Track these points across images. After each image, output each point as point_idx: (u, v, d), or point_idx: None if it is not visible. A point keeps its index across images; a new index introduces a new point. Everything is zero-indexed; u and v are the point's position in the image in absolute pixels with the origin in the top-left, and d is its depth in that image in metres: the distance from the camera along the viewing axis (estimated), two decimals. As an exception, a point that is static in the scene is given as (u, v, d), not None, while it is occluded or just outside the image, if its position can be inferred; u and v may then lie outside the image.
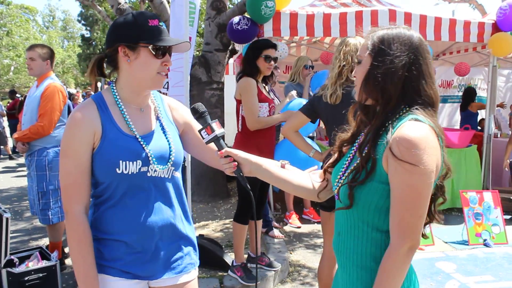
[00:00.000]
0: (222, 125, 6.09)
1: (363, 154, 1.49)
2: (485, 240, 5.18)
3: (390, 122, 1.47)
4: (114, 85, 1.82)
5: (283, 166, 1.85)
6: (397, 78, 1.46)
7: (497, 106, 6.09)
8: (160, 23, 1.77)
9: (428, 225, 1.58)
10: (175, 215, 1.88)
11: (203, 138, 1.75)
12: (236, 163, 1.73)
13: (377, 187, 1.45)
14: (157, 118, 1.88)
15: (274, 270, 4.04)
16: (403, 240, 1.39)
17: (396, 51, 1.47)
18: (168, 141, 1.85)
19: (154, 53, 1.73)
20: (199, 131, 1.76)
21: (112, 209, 1.76)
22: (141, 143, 1.76)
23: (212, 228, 5.16)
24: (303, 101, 3.88)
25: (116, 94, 1.80)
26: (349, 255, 1.54)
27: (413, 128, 1.39)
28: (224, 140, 1.77)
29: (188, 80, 4.02)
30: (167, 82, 4.42)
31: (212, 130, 1.73)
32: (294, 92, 4.20)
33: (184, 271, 1.91)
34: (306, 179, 1.79)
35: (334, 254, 1.67)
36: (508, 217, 5.98)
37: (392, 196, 1.41)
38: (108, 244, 1.77)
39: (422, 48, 1.50)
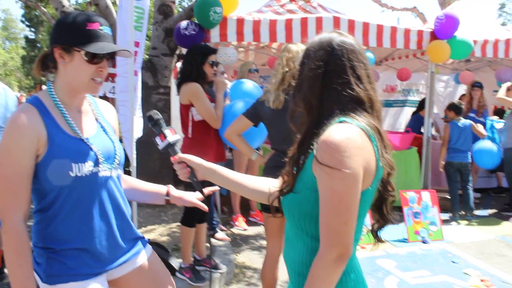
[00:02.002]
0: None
1: (292, 164, 1.53)
2: (423, 237, 5.43)
3: (321, 128, 1.44)
4: (51, 86, 1.80)
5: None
6: (315, 85, 1.48)
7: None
8: (101, 27, 1.75)
9: (376, 232, 1.60)
10: (126, 210, 1.95)
11: (158, 145, 1.80)
12: (189, 169, 1.76)
13: (310, 195, 1.44)
14: (96, 120, 1.90)
15: (219, 272, 4.08)
16: (330, 247, 1.36)
17: (315, 59, 1.48)
18: (111, 140, 1.89)
19: (87, 59, 1.72)
20: (154, 138, 1.80)
21: (68, 216, 1.76)
22: (89, 144, 1.77)
23: (159, 233, 5.16)
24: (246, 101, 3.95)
25: (55, 96, 1.78)
26: (291, 262, 1.55)
27: (335, 131, 1.37)
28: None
29: (132, 86, 4.01)
30: (113, 87, 4.40)
31: (165, 137, 1.78)
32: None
33: (138, 254, 2.01)
34: (263, 183, 1.78)
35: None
36: (444, 215, 6.28)
37: (320, 202, 1.39)
38: (69, 253, 1.77)
39: (346, 50, 1.48)
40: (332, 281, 1.38)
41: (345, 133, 1.37)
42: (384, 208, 1.55)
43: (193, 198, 2.08)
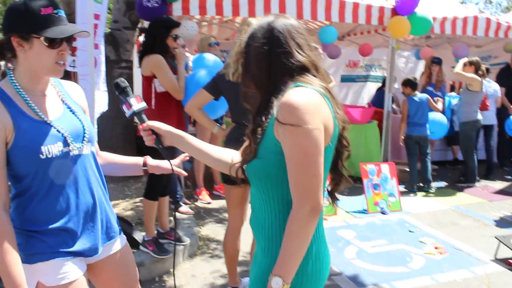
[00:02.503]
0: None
1: (252, 134, 1.60)
2: (382, 208, 5.62)
3: (274, 98, 1.53)
4: (12, 73, 1.80)
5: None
6: (262, 62, 1.57)
7: None
8: (55, 11, 1.74)
9: (334, 193, 1.70)
10: (103, 189, 1.98)
11: (125, 113, 1.82)
12: (154, 136, 1.79)
13: (274, 159, 1.51)
14: (62, 101, 1.90)
15: (183, 245, 4.15)
16: (302, 201, 1.43)
17: (258, 40, 1.58)
18: (79, 119, 1.90)
19: (47, 44, 1.72)
20: (120, 106, 1.83)
21: (44, 198, 1.78)
22: (55, 126, 1.79)
23: (123, 207, 5.17)
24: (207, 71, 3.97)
25: (16, 83, 1.78)
26: (260, 228, 1.61)
27: (294, 94, 1.47)
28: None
29: (92, 60, 3.95)
30: (74, 61, 4.32)
31: (131, 105, 1.80)
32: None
33: (115, 239, 2.04)
34: (226, 153, 1.84)
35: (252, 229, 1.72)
36: (402, 187, 6.50)
37: (287, 161, 1.46)
38: (49, 232, 1.79)
39: (285, 25, 1.58)
40: (308, 235, 1.45)
41: (303, 94, 1.47)
42: (339, 163, 1.66)
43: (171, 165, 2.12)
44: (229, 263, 3.42)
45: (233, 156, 1.82)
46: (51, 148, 1.74)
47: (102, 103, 4.20)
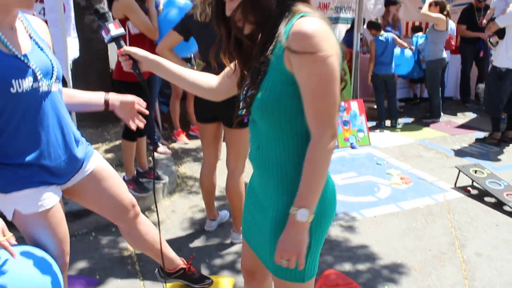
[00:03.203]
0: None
1: (256, 67, 1.52)
2: (351, 143, 5.88)
3: (278, 31, 1.46)
4: None
5: None
6: None
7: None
8: None
9: None
10: (71, 122, 2.03)
11: (104, 38, 1.84)
12: (131, 60, 1.80)
13: (287, 90, 1.46)
14: (30, 37, 1.91)
15: (162, 183, 4.32)
16: (323, 130, 1.41)
17: None
18: (47, 56, 1.92)
19: None
20: (99, 31, 1.85)
21: (14, 132, 1.81)
22: (25, 61, 1.80)
23: (102, 150, 5.27)
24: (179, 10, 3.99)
25: None
26: (271, 166, 1.57)
27: (305, 22, 1.40)
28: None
29: (61, 5, 3.91)
30: (43, 8, 4.27)
31: (109, 31, 1.81)
32: None
33: (87, 162, 2.12)
34: (202, 77, 1.82)
35: (252, 167, 1.72)
36: (371, 123, 6.77)
37: (303, 91, 1.42)
38: (20, 165, 1.85)
39: None
40: (329, 162, 1.45)
41: (314, 22, 1.41)
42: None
43: (131, 97, 2.22)
44: (206, 198, 3.60)
45: (209, 79, 1.82)
46: (21, 82, 1.76)
47: (73, 50, 4.20)
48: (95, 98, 2.21)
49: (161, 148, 5.30)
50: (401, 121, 7.16)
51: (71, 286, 2.88)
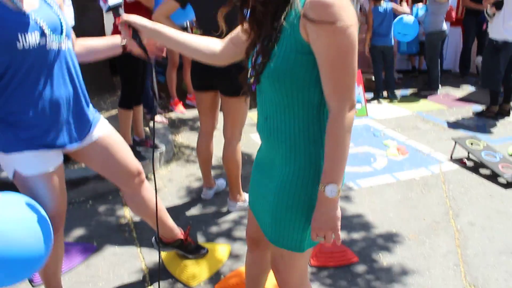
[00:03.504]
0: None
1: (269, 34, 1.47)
2: (349, 115, 5.87)
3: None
4: None
5: None
6: None
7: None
8: None
9: None
10: (79, 85, 2.01)
11: (102, 8, 1.82)
12: (131, 29, 1.78)
13: (301, 59, 1.40)
14: None
15: (159, 152, 4.32)
16: (343, 102, 1.37)
17: None
18: (55, 13, 1.90)
19: None
20: (98, 1, 1.82)
21: (18, 89, 1.80)
22: (32, 17, 1.78)
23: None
24: None
25: None
26: (278, 136, 1.54)
27: None
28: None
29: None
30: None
31: (106, 0, 1.80)
32: None
33: (93, 128, 2.11)
34: (206, 42, 1.78)
35: (260, 138, 1.67)
36: (369, 94, 6.76)
37: (321, 62, 1.37)
38: (22, 125, 1.85)
39: None
40: (350, 134, 1.40)
41: None
42: None
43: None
44: (203, 166, 3.61)
45: (212, 44, 1.78)
46: (28, 37, 1.75)
47: (68, 18, 4.15)
48: (111, 41, 2.22)
49: (158, 117, 5.29)
50: (399, 93, 7.14)
51: (69, 253, 2.91)
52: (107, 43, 2.23)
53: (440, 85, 7.31)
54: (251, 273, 2.10)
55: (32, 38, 1.76)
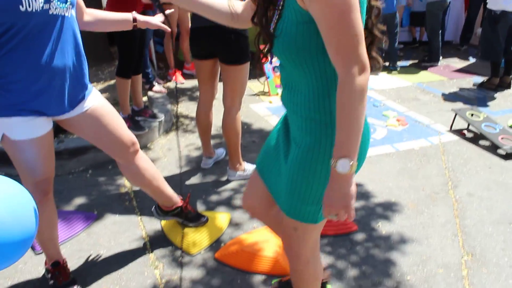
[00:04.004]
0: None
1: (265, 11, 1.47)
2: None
3: None
4: None
5: None
6: None
7: None
8: None
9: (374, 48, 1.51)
10: (79, 55, 1.99)
11: None
12: None
13: (303, 29, 1.36)
14: None
15: (158, 121, 4.31)
16: (347, 66, 1.25)
17: None
18: None
19: None
20: None
21: (14, 51, 1.78)
22: None
23: (97, 90, 5.22)
24: None
25: None
26: (296, 107, 1.51)
27: None
28: None
29: None
30: None
31: None
32: None
33: (86, 98, 2.09)
34: (227, 5, 1.71)
35: (283, 105, 1.62)
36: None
37: (320, 28, 1.29)
38: (14, 88, 1.83)
39: None
40: (364, 101, 1.27)
41: None
42: (369, 21, 1.48)
43: (158, 21, 2.22)
44: (203, 135, 3.60)
45: (233, 5, 1.70)
46: (32, 1, 1.72)
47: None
48: (122, 16, 2.25)
49: (157, 87, 5.25)
50: (399, 64, 7.09)
51: (69, 221, 2.92)
52: (118, 17, 2.24)
53: (441, 57, 7.26)
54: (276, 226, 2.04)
55: (36, 3, 1.74)
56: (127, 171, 2.42)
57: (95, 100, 2.15)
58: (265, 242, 2.64)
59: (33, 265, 2.60)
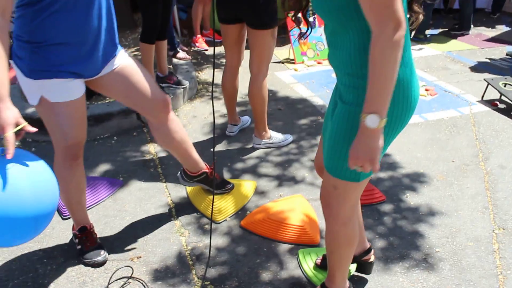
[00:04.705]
0: None
1: None
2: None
3: None
4: None
5: None
6: None
7: None
8: None
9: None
10: (111, 17, 1.99)
11: None
12: None
13: None
14: None
15: (182, 88, 4.27)
16: (381, 23, 1.24)
17: None
18: None
19: None
20: None
21: (55, 14, 1.78)
22: None
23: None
24: None
25: None
26: (340, 65, 1.51)
27: None
28: None
29: None
30: None
31: None
32: None
33: (115, 56, 2.08)
34: None
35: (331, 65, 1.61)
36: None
37: None
38: (53, 49, 1.83)
39: None
40: (397, 59, 1.27)
41: None
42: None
43: None
44: (228, 102, 3.55)
45: None
46: None
47: None
48: None
49: (181, 54, 5.19)
50: (429, 32, 6.87)
51: (95, 187, 2.94)
52: None
53: (472, 25, 7.01)
54: None
55: None
56: (157, 132, 2.39)
57: (124, 58, 2.14)
58: (291, 211, 2.61)
59: (61, 230, 2.63)
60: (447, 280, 2.27)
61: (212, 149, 3.46)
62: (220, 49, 5.65)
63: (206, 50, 5.78)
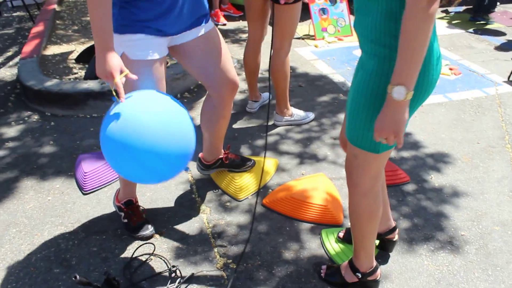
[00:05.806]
0: None
1: None
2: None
3: None
4: None
5: None
6: None
7: None
8: None
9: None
10: None
11: None
12: None
13: None
14: None
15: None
16: None
17: None
18: None
19: None
20: None
21: None
22: None
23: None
24: None
25: None
26: (363, 31, 1.48)
27: None
28: None
29: None
30: None
31: None
32: None
33: (202, 24, 2.08)
34: None
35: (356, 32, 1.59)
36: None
37: None
38: (141, 5, 1.82)
39: None
40: (429, 32, 1.26)
41: None
42: None
43: None
44: (249, 78, 3.49)
45: None
46: None
47: None
48: None
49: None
50: (452, 9, 6.68)
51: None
52: None
53: (498, 2, 6.80)
54: None
55: None
56: (208, 107, 2.35)
57: (211, 27, 2.12)
58: (314, 189, 2.57)
59: (82, 205, 2.62)
60: (473, 264, 2.22)
61: (233, 126, 3.41)
62: (238, 24, 5.56)
63: (224, 24, 5.69)
